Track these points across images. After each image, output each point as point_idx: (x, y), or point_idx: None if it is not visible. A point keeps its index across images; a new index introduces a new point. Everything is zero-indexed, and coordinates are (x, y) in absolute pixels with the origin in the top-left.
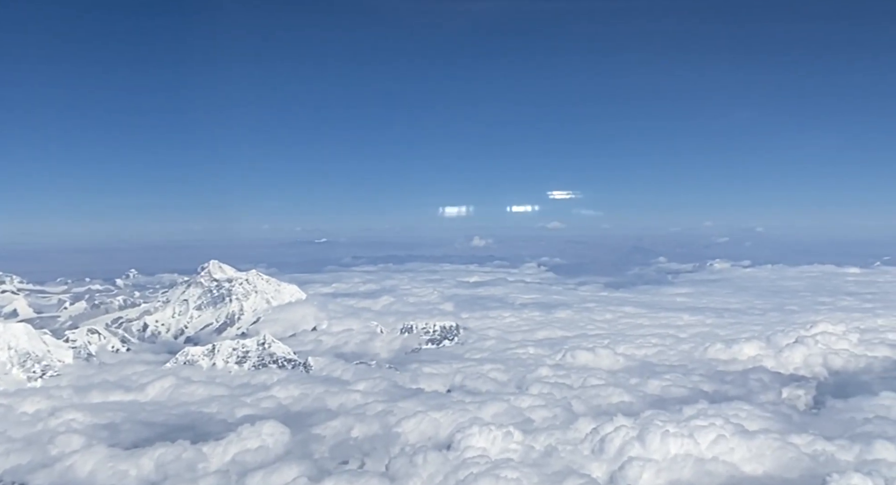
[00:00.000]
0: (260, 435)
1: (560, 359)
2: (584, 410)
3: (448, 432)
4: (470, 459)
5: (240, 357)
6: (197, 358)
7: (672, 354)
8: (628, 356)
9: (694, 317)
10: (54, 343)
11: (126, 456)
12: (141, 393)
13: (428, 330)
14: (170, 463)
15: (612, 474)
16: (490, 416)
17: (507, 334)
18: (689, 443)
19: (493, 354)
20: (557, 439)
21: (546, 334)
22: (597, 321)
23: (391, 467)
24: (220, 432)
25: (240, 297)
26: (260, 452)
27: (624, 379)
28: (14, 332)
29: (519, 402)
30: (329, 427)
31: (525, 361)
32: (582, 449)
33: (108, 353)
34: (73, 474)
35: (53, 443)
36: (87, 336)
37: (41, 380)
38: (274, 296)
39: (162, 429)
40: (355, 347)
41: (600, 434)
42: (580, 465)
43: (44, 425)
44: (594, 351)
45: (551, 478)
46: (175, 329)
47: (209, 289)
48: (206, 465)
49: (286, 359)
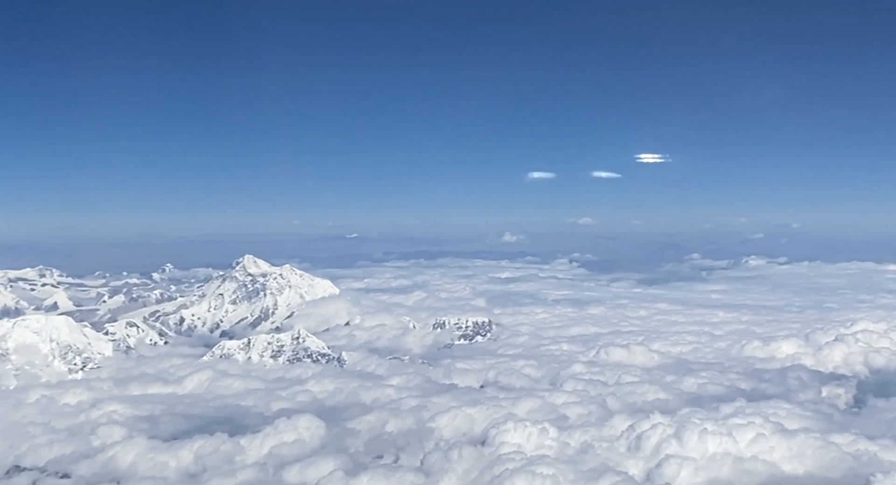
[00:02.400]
0: (296, 429)
1: (594, 356)
2: (619, 407)
3: (482, 428)
4: (505, 455)
5: (275, 351)
6: (233, 352)
7: (708, 352)
8: (663, 353)
9: (730, 314)
10: (94, 336)
11: (166, 448)
12: (179, 386)
13: (460, 326)
14: (208, 455)
15: (648, 472)
16: (524, 412)
17: (539, 331)
18: (727, 441)
19: (526, 350)
20: (593, 436)
21: (579, 331)
22: (630, 318)
23: (426, 462)
24: (256, 425)
25: (274, 291)
26: (296, 445)
27: (659, 376)
28: (56, 324)
29: (553, 398)
30: (364, 422)
31: (559, 358)
32: (618, 446)
33: (146, 346)
34: (115, 465)
35: (95, 434)
36: (125, 329)
37: (82, 372)
38: (307, 291)
39: (200, 421)
40: (388, 343)
41: (636, 432)
42: (616, 462)
43: (86, 416)
44: (628, 348)
45: (587, 475)
46: (211, 323)
47: (244, 283)
48: (243, 457)
49: (320, 353)
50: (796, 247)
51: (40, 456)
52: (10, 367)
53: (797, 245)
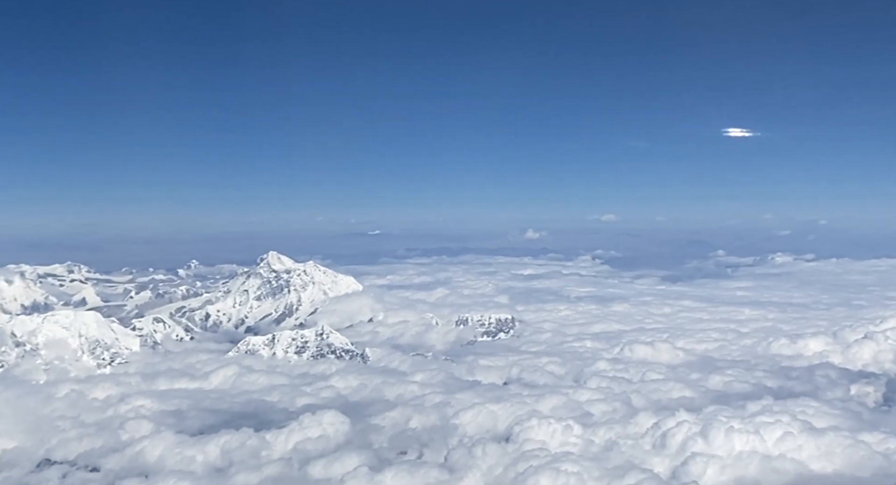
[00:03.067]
0: (321, 424)
1: (618, 353)
2: (643, 404)
3: (506, 425)
4: (529, 451)
5: (299, 347)
6: (258, 348)
7: (734, 349)
8: (688, 351)
9: (756, 311)
10: (122, 331)
11: (193, 442)
12: (205, 381)
13: (483, 322)
14: (234, 450)
15: (674, 470)
16: (548, 409)
17: (563, 327)
18: (754, 440)
19: (549, 347)
20: (617, 433)
21: (603, 328)
22: (655, 315)
23: (450, 459)
24: (281, 420)
25: (298, 288)
26: (321, 440)
27: (684, 374)
28: (84, 320)
29: (577, 395)
30: (387, 418)
31: (582, 355)
32: (643, 444)
33: (172, 341)
34: (143, 459)
35: (123, 428)
36: (152, 325)
37: (110, 367)
38: (331, 287)
39: (226, 416)
40: (411, 339)
41: (662, 429)
42: (641, 460)
43: (114, 410)
44: (653, 345)
45: (612, 472)
46: (236, 319)
47: (268, 280)
48: (269, 452)
49: (344, 350)
50: (824, 243)
51: (70, 450)
52: (40, 361)
53: (825, 242)
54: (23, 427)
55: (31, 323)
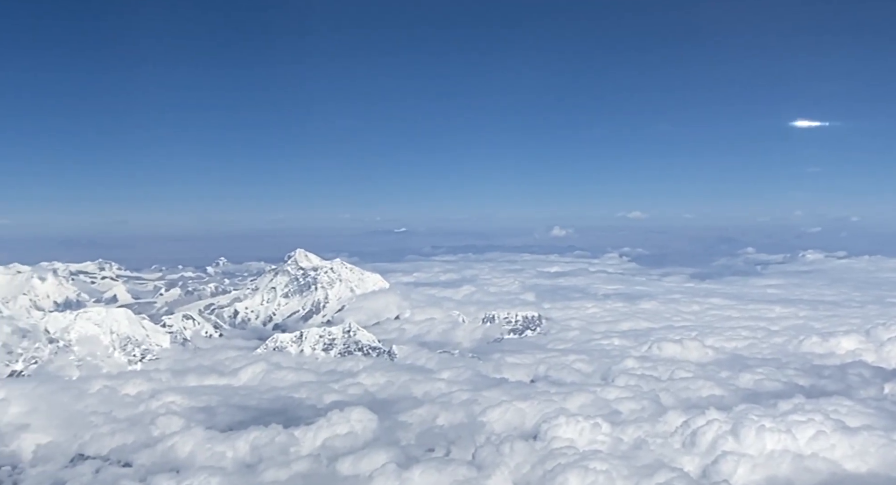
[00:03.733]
0: (349, 421)
1: (646, 350)
2: (672, 402)
3: (534, 423)
4: (557, 449)
5: (326, 344)
6: (286, 344)
7: (764, 348)
8: (717, 349)
9: (786, 309)
10: (152, 328)
11: (223, 438)
12: (234, 377)
13: (510, 320)
14: (264, 446)
15: (704, 469)
16: (576, 407)
17: (590, 325)
18: (786, 438)
19: (576, 344)
20: (646, 431)
21: (631, 325)
22: (683, 313)
23: (478, 456)
24: (310, 417)
25: (325, 285)
26: (349, 437)
27: (714, 372)
28: (116, 317)
29: (605, 393)
30: (415, 415)
31: (610, 353)
32: (672, 442)
33: (201, 338)
34: (174, 455)
35: (155, 424)
36: (182, 322)
37: (141, 363)
38: (357, 285)
39: (255, 413)
40: (438, 336)
41: (691, 428)
42: (671, 458)
43: (145, 406)
44: (682, 343)
45: (641, 471)
46: (264, 316)
47: (296, 277)
48: (297, 449)
49: (371, 347)
50: (856, 240)
51: (103, 445)
52: (73, 358)
53: (857, 239)
54: (57, 422)
55: (63, 320)
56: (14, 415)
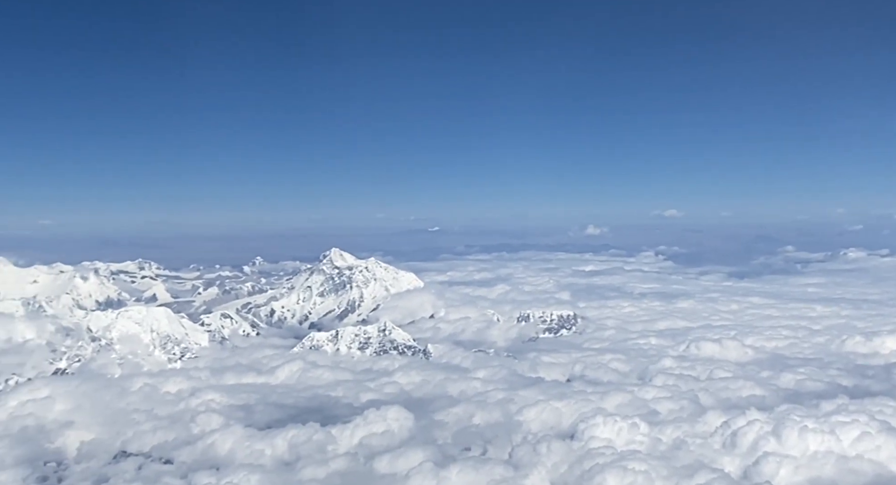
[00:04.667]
0: (385, 420)
1: (684, 350)
2: (712, 403)
3: (570, 422)
4: (595, 449)
5: (362, 343)
6: (322, 343)
7: (805, 347)
8: (757, 348)
9: (828, 308)
10: (191, 327)
11: (261, 436)
12: (271, 376)
13: (545, 319)
14: (302, 444)
15: (745, 470)
16: (613, 406)
17: (626, 324)
18: (830, 439)
19: (613, 344)
20: (685, 431)
21: (668, 325)
22: (721, 312)
23: (514, 455)
24: (346, 415)
25: (360, 284)
26: (386, 436)
27: (754, 372)
28: (156, 316)
29: (643, 393)
30: (451, 414)
31: (647, 352)
32: (712, 443)
33: (239, 337)
34: (214, 452)
35: (195, 421)
36: (220, 320)
37: (180, 361)
38: (392, 283)
39: (292, 411)
40: (473, 335)
41: (732, 428)
42: (711, 459)
43: (185, 404)
44: (720, 342)
45: (681, 471)
46: (300, 315)
47: (331, 276)
48: (335, 447)
49: (406, 345)
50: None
51: (145, 442)
52: (115, 356)
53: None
54: (100, 420)
55: (105, 319)
56: (59, 412)
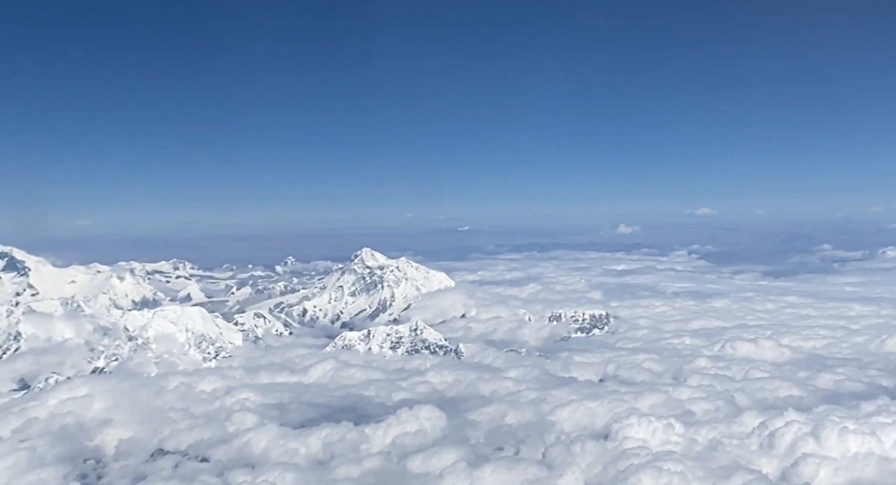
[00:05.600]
0: (418, 419)
1: (719, 350)
2: (748, 403)
3: (604, 422)
4: (629, 450)
5: (394, 343)
6: (354, 343)
7: (844, 347)
8: (794, 348)
9: (867, 307)
10: (225, 326)
11: (295, 435)
12: (304, 375)
13: (577, 318)
14: (335, 443)
15: (783, 471)
16: (647, 407)
17: (659, 324)
18: (870, 441)
19: (646, 343)
20: (721, 432)
21: (702, 324)
22: (757, 311)
23: (548, 455)
24: (379, 414)
25: (391, 284)
26: (418, 435)
27: (791, 372)
28: (190, 315)
29: (677, 393)
30: (483, 413)
31: (681, 352)
32: (749, 444)
33: (272, 336)
34: (249, 451)
35: (230, 420)
36: (253, 320)
37: (215, 361)
38: (423, 283)
39: (326, 410)
40: (504, 335)
41: (769, 429)
42: (748, 460)
43: (220, 403)
44: (756, 342)
45: (717, 473)
46: (332, 314)
47: (362, 276)
48: (368, 446)
49: (438, 345)
50: None
51: (181, 440)
52: (151, 355)
53: None
54: (137, 418)
55: (142, 318)
56: (98, 410)
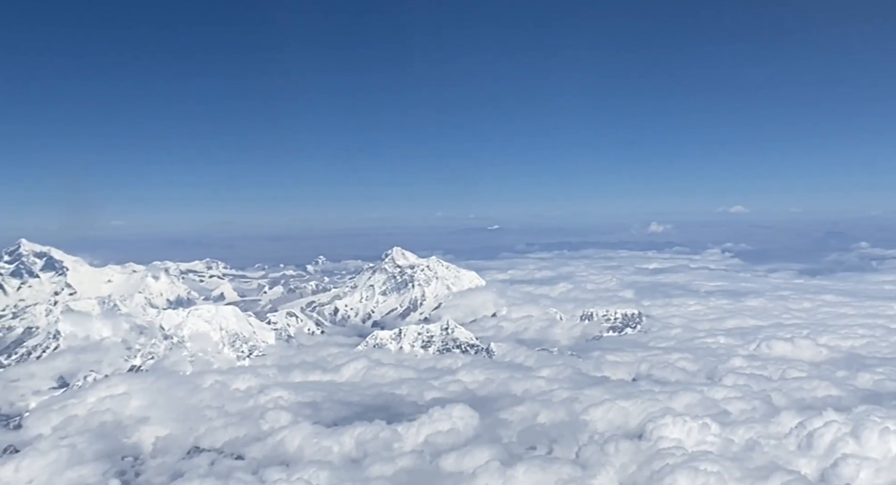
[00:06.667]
0: (450, 418)
1: (754, 349)
2: (785, 403)
3: (638, 422)
4: (664, 450)
5: (425, 341)
6: (385, 342)
7: (883, 346)
8: (832, 347)
9: None
10: (258, 325)
11: (328, 433)
12: (337, 374)
13: (609, 317)
14: (368, 441)
15: (823, 472)
16: (682, 406)
17: (693, 323)
18: None
19: (679, 342)
20: (758, 432)
21: (736, 323)
22: (793, 310)
23: (581, 455)
24: (411, 413)
25: (422, 283)
26: (451, 434)
27: (829, 371)
28: (224, 314)
29: (713, 393)
30: (515, 412)
31: (715, 351)
32: (787, 444)
33: (304, 335)
34: (284, 448)
35: (264, 418)
36: (286, 319)
37: (248, 359)
38: (454, 282)
39: (358, 408)
40: (535, 334)
41: (807, 429)
42: (786, 461)
43: (254, 401)
44: (793, 341)
45: (755, 473)
46: (363, 313)
47: (393, 275)
48: (401, 445)
49: (469, 344)
50: None
51: (217, 438)
52: (186, 353)
53: None
54: (174, 416)
55: (177, 317)
56: (135, 408)
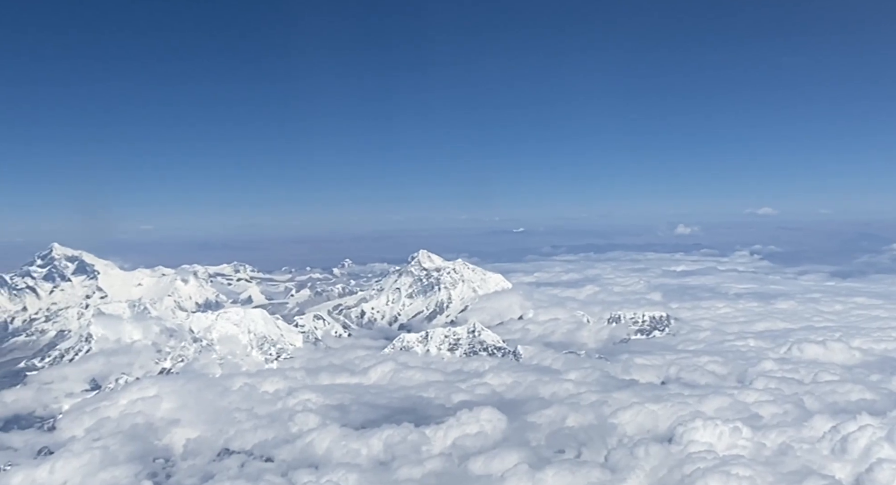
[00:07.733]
0: (478, 421)
1: (785, 352)
2: (818, 407)
3: (668, 425)
4: (695, 453)
5: (451, 344)
6: (412, 344)
7: None
8: (865, 351)
9: None
10: (286, 328)
11: (357, 436)
12: (364, 376)
13: (637, 320)
14: (396, 444)
15: (857, 477)
16: (713, 410)
17: (722, 326)
18: None
19: (708, 345)
20: (791, 436)
21: (766, 326)
22: (824, 313)
23: (610, 459)
24: (439, 416)
25: (448, 286)
26: (479, 437)
27: (862, 375)
28: (252, 317)
29: (743, 396)
30: (543, 416)
31: (745, 354)
32: (820, 448)
33: (332, 338)
34: (312, 451)
35: (293, 421)
36: (313, 322)
37: (277, 362)
38: (480, 285)
39: (386, 411)
40: (562, 337)
41: (841, 433)
42: (820, 465)
43: (283, 403)
44: (825, 344)
45: (788, 478)
46: (389, 316)
47: (419, 278)
48: (429, 448)
49: (496, 347)
50: None
51: (246, 440)
52: (215, 356)
53: None
54: (204, 418)
55: (206, 320)
56: (166, 410)
